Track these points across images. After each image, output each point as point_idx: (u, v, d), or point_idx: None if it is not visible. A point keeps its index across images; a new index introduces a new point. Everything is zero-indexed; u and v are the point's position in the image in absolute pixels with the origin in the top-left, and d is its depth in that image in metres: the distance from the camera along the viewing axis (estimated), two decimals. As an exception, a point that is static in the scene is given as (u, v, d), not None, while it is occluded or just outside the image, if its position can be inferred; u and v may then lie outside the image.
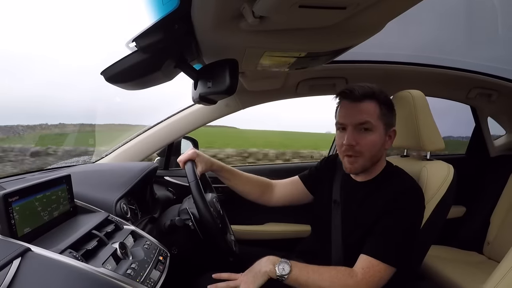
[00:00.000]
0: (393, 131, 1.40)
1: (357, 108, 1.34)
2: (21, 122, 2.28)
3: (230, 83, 1.20)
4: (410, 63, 2.23)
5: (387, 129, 1.37)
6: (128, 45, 1.14)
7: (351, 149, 1.35)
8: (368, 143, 1.33)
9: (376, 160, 1.40)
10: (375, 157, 1.38)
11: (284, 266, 1.26)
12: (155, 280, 1.09)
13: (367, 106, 1.33)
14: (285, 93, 2.30)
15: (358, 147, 1.34)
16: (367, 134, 1.33)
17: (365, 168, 1.39)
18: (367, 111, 1.33)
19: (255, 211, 1.98)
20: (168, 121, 2.19)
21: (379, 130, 1.34)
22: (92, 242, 1.08)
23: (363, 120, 1.32)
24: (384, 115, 1.35)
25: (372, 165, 1.41)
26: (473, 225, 2.59)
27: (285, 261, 1.27)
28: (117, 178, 1.56)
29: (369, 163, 1.38)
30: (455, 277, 2.03)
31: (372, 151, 1.35)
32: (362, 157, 1.35)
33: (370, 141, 1.33)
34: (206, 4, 0.98)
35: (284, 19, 1.02)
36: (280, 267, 1.25)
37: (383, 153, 1.42)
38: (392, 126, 1.40)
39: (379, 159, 1.41)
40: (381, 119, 1.34)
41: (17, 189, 1.00)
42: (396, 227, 1.28)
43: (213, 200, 1.54)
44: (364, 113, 1.33)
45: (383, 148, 1.39)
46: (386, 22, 1.20)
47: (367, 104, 1.33)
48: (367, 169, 1.41)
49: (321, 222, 1.52)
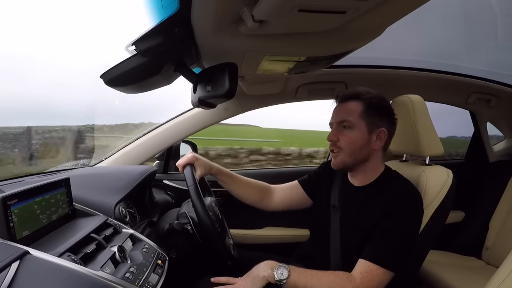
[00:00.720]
0: (382, 132, 1.40)
1: (341, 108, 1.44)
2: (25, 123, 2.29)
3: (229, 87, 1.21)
4: (410, 68, 2.23)
5: (371, 128, 1.39)
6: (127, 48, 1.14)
7: (333, 145, 1.43)
8: (347, 139, 1.40)
9: (360, 158, 1.42)
10: (356, 154, 1.41)
11: (282, 270, 1.26)
12: (154, 284, 1.09)
13: (349, 106, 1.41)
14: (285, 97, 2.30)
15: (339, 143, 1.41)
16: (347, 131, 1.40)
17: (347, 164, 1.43)
18: (348, 110, 1.41)
19: (253, 215, 1.98)
20: (167, 124, 2.19)
21: (359, 128, 1.38)
22: (91, 245, 1.08)
23: (342, 118, 1.41)
24: (367, 114, 1.38)
25: (357, 163, 1.43)
26: (472, 230, 2.58)
27: (283, 266, 1.27)
28: (116, 182, 1.56)
29: (350, 159, 1.41)
30: (453, 282, 2.02)
31: (351, 147, 1.39)
32: (342, 152, 1.41)
33: (349, 138, 1.39)
34: (206, 8, 0.99)
35: (283, 23, 1.02)
36: (278, 271, 1.25)
37: (371, 153, 1.42)
38: (379, 126, 1.40)
39: (365, 159, 1.42)
40: (363, 117, 1.38)
41: (16, 192, 1.00)
42: (395, 231, 1.28)
43: (212, 204, 1.53)
44: (345, 112, 1.41)
45: (369, 148, 1.40)
46: (385, 27, 1.20)
47: (350, 104, 1.41)
48: (349, 165, 1.44)
49: (319, 226, 1.52)
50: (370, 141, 1.40)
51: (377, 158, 1.44)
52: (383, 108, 1.42)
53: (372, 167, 1.44)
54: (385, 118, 1.42)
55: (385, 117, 1.42)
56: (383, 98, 1.42)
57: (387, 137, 1.42)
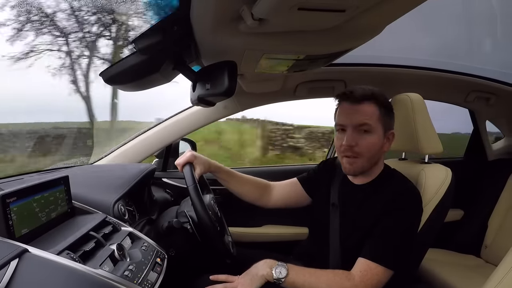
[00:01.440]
0: (391, 134, 1.40)
1: (357, 109, 1.34)
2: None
3: (228, 85, 1.21)
4: (409, 66, 2.23)
5: (386, 132, 1.38)
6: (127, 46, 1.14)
7: (350, 150, 1.35)
8: (367, 144, 1.34)
9: (374, 162, 1.40)
10: (373, 159, 1.38)
11: (281, 269, 1.26)
12: (153, 282, 1.09)
13: (366, 108, 1.34)
14: (284, 96, 2.30)
15: (357, 148, 1.34)
16: (366, 136, 1.33)
17: (364, 169, 1.39)
18: (367, 113, 1.33)
19: (253, 213, 1.98)
20: (167, 122, 2.19)
21: (378, 132, 1.35)
22: (90, 243, 1.07)
23: (362, 122, 1.33)
24: (383, 117, 1.35)
25: (371, 167, 1.41)
26: (471, 229, 2.59)
27: (282, 265, 1.27)
28: (115, 180, 1.56)
29: (368, 164, 1.38)
30: (452, 280, 2.03)
31: (370, 152, 1.35)
32: (361, 158, 1.35)
33: (369, 143, 1.34)
34: (205, 6, 0.99)
35: (283, 21, 1.02)
36: (277, 270, 1.25)
37: (382, 155, 1.42)
38: (390, 128, 1.40)
39: (377, 162, 1.41)
40: (380, 121, 1.35)
41: (15, 190, 1.00)
42: (394, 229, 1.28)
43: (211, 202, 1.53)
44: (364, 115, 1.33)
45: (381, 151, 1.39)
46: (385, 25, 1.20)
47: (367, 106, 1.34)
48: (365, 170, 1.41)
49: (319, 225, 1.52)
50: (384, 144, 1.39)
51: (381, 158, 1.45)
52: (392, 109, 1.41)
53: (375, 167, 1.44)
54: (393, 119, 1.42)
55: (393, 118, 1.42)
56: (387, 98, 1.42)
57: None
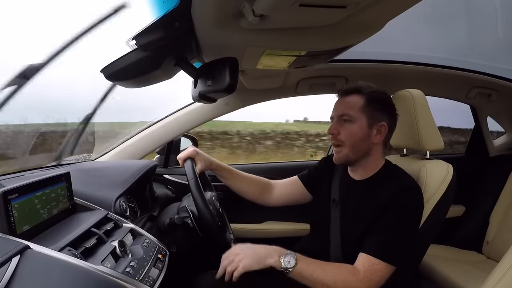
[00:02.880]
0: (382, 126, 1.40)
1: (343, 101, 1.44)
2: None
3: (230, 81, 1.20)
4: (410, 62, 2.23)
5: (371, 122, 1.39)
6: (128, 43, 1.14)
7: (334, 138, 1.43)
8: (347, 132, 1.39)
9: (362, 152, 1.41)
10: (358, 148, 1.40)
11: (289, 258, 1.23)
12: (154, 278, 1.09)
13: (350, 100, 1.41)
14: (285, 92, 2.30)
15: (339, 136, 1.41)
16: (347, 125, 1.40)
17: (349, 158, 1.42)
18: (349, 104, 1.41)
19: (254, 210, 1.98)
20: (168, 119, 2.19)
21: (360, 122, 1.38)
22: (91, 240, 1.08)
23: (343, 112, 1.41)
24: (367, 108, 1.38)
25: (358, 157, 1.42)
26: (472, 225, 2.59)
27: (291, 254, 1.25)
28: (117, 176, 1.56)
29: (352, 153, 1.41)
30: (454, 276, 2.03)
31: (352, 140, 1.39)
32: (344, 146, 1.40)
33: (349, 131, 1.39)
34: (207, 2, 0.98)
35: (284, 17, 1.02)
36: (285, 259, 1.23)
37: (372, 147, 1.41)
38: (380, 120, 1.40)
39: (366, 153, 1.42)
40: (364, 111, 1.38)
41: (16, 186, 1.00)
42: (396, 225, 1.28)
43: (212, 199, 1.53)
44: (346, 106, 1.41)
45: (370, 142, 1.40)
46: (386, 21, 1.20)
47: (351, 98, 1.41)
48: (352, 160, 1.43)
49: (320, 221, 1.52)
50: (370, 135, 1.39)
51: (378, 152, 1.44)
52: (384, 102, 1.41)
53: (372, 161, 1.44)
54: (385, 112, 1.41)
55: (386, 111, 1.42)
56: (384, 93, 1.42)
57: (388, 131, 1.42)
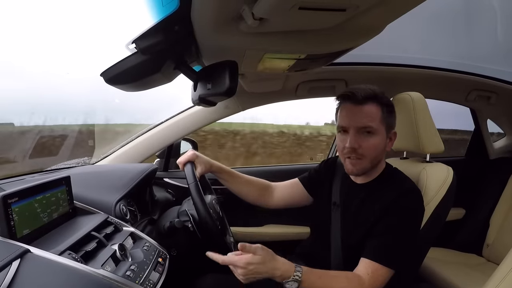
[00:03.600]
0: (393, 133, 1.40)
1: (359, 111, 1.33)
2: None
3: (229, 85, 1.20)
4: (410, 65, 2.23)
5: (388, 132, 1.37)
6: (128, 46, 1.14)
7: (353, 152, 1.34)
8: (370, 146, 1.33)
9: (377, 162, 1.39)
10: (376, 160, 1.38)
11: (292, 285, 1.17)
12: (154, 282, 1.09)
13: (369, 109, 1.32)
14: (285, 95, 2.30)
15: (361, 150, 1.33)
16: (369, 137, 1.32)
17: (366, 170, 1.39)
18: (370, 114, 1.32)
19: (254, 213, 1.98)
20: (168, 122, 2.19)
21: (381, 133, 1.34)
22: (91, 243, 1.08)
23: (365, 124, 1.31)
24: (386, 117, 1.34)
25: (372, 167, 1.40)
26: (473, 227, 2.59)
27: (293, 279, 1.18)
28: (117, 180, 1.56)
29: (370, 165, 1.37)
30: (454, 279, 2.03)
31: (374, 153, 1.34)
32: (364, 160, 1.34)
33: (373, 144, 1.33)
34: (206, 6, 0.99)
35: (284, 21, 1.02)
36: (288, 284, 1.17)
37: (384, 155, 1.42)
38: (392, 128, 1.39)
39: (379, 161, 1.41)
40: (383, 122, 1.34)
41: (16, 190, 1.00)
42: (397, 229, 1.28)
43: (212, 202, 1.53)
44: (367, 116, 1.32)
45: (384, 151, 1.39)
46: (386, 24, 1.20)
47: (369, 107, 1.32)
48: (367, 171, 1.40)
49: (320, 224, 1.52)
50: (387, 145, 1.39)
51: (383, 158, 1.44)
52: (393, 108, 1.40)
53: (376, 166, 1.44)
54: (395, 118, 1.41)
55: (395, 117, 1.41)
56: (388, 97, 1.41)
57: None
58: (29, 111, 2.33)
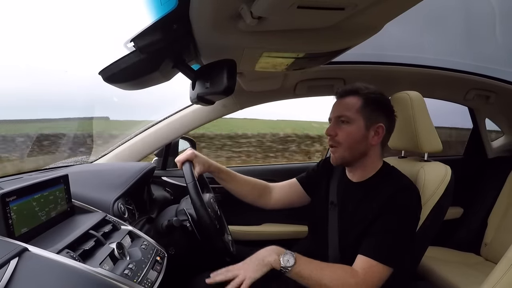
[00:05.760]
0: (380, 127, 1.40)
1: (340, 103, 1.44)
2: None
3: (228, 83, 1.20)
4: (408, 64, 2.23)
5: (369, 124, 1.39)
6: (126, 45, 1.14)
7: (332, 140, 1.42)
8: (344, 133, 1.39)
9: (359, 153, 1.41)
10: (355, 149, 1.40)
11: (289, 258, 1.24)
12: (152, 280, 1.09)
13: (348, 101, 1.41)
14: (283, 94, 2.30)
15: (337, 137, 1.40)
16: (345, 126, 1.39)
17: (345, 158, 1.42)
18: (346, 105, 1.40)
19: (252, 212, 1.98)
20: (166, 121, 2.19)
21: (357, 123, 1.38)
22: (90, 242, 1.08)
23: (340, 113, 1.41)
24: (365, 109, 1.38)
25: (355, 158, 1.42)
26: (471, 226, 2.59)
27: (290, 253, 1.26)
28: (115, 178, 1.56)
29: (349, 154, 1.41)
30: (452, 278, 2.03)
31: (349, 141, 1.39)
32: (340, 147, 1.40)
33: (347, 132, 1.38)
34: (204, 5, 0.99)
35: (282, 19, 1.02)
36: (285, 258, 1.24)
37: (369, 148, 1.41)
38: (377, 122, 1.40)
39: (363, 154, 1.42)
40: (361, 112, 1.38)
41: (14, 189, 1.00)
42: (394, 227, 1.28)
43: (210, 201, 1.53)
44: (343, 107, 1.41)
45: (367, 143, 1.40)
46: (384, 23, 1.20)
47: (349, 99, 1.41)
48: (348, 160, 1.43)
49: (318, 223, 1.52)
50: (368, 136, 1.39)
51: (375, 154, 1.44)
52: (381, 103, 1.42)
53: (370, 162, 1.43)
54: (383, 113, 1.41)
55: (384, 113, 1.42)
56: (382, 94, 1.42)
57: (386, 132, 1.42)
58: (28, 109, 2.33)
